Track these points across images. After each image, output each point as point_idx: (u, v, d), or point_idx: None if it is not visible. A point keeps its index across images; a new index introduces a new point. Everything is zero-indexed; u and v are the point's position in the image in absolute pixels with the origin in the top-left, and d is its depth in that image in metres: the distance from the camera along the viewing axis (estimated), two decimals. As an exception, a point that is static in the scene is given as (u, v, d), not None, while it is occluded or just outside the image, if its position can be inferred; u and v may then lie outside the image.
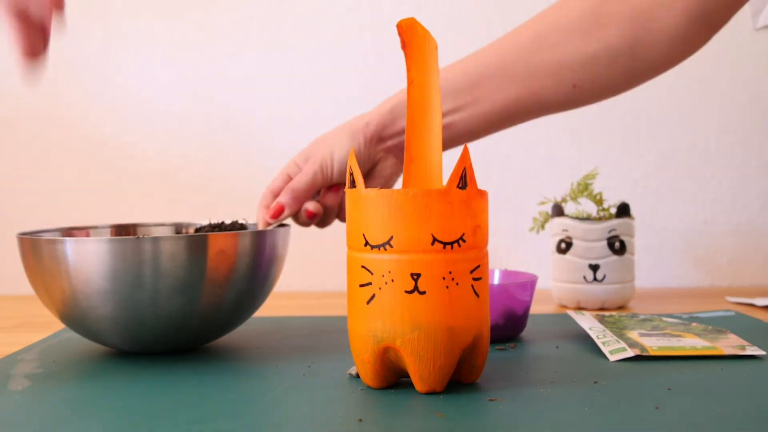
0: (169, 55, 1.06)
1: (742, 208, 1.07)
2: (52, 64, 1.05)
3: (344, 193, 0.60)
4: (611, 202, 0.90)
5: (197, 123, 1.06)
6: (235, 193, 1.06)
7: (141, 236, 0.55)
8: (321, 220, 0.70)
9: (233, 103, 1.06)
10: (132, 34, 1.05)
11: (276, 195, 0.68)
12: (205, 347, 0.64)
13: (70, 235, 0.69)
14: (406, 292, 0.46)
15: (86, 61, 1.05)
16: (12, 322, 0.81)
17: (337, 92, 1.06)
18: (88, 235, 0.71)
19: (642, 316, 0.72)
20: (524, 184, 1.05)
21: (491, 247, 0.52)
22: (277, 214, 0.66)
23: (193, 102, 1.06)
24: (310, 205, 0.68)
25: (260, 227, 0.67)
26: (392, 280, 0.46)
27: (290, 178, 0.69)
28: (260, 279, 0.61)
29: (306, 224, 0.69)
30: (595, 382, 0.51)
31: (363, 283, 0.47)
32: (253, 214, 1.06)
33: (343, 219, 0.71)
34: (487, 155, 1.06)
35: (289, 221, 0.69)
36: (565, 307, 0.87)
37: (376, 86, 1.06)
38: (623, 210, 0.85)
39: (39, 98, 1.05)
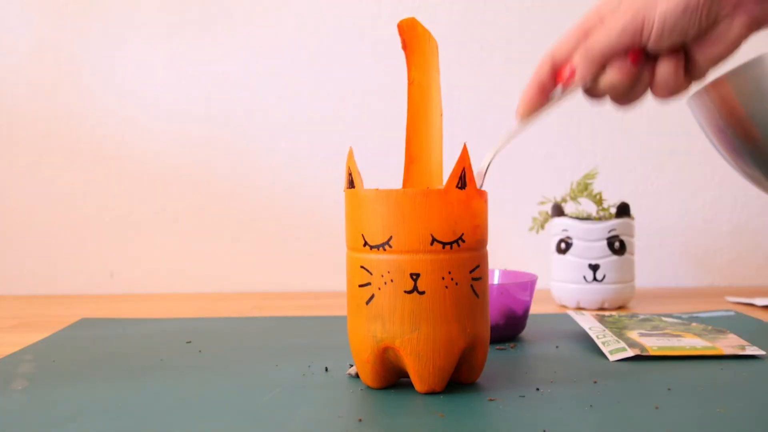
0: (170, 55, 1.06)
1: (742, 208, 1.07)
2: (51, 65, 1.05)
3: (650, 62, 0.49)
4: (611, 202, 0.90)
5: (197, 123, 1.06)
6: (236, 193, 1.06)
7: None
8: (620, 92, 0.52)
9: (233, 103, 1.06)
10: (132, 34, 1.05)
11: (558, 62, 0.51)
12: (204, 348, 0.64)
13: None
14: (405, 292, 0.46)
15: (86, 60, 1.05)
16: (12, 322, 0.81)
17: (337, 92, 1.06)
18: None
19: (642, 316, 0.72)
20: (524, 184, 1.05)
21: (491, 247, 0.52)
22: (569, 79, 0.50)
23: (194, 102, 1.06)
24: (613, 71, 0.50)
25: (528, 100, 0.52)
26: (391, 280, 0.46)
27: (586, 36, 0.51)
28: None
29: (599, 96, 0.52)
30: (595, 382, 0.51)
31: (362, 283, 0.47)
32: (253, 214, 1.06)
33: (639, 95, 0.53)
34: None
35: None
36: (565, 307, 0.87)
37: (376, 86, 1.06)
38: (623, 210, 0.85)
39: (39, 98, 1.05)
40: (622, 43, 0.49)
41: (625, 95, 0.52)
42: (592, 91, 0.52)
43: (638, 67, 0.50)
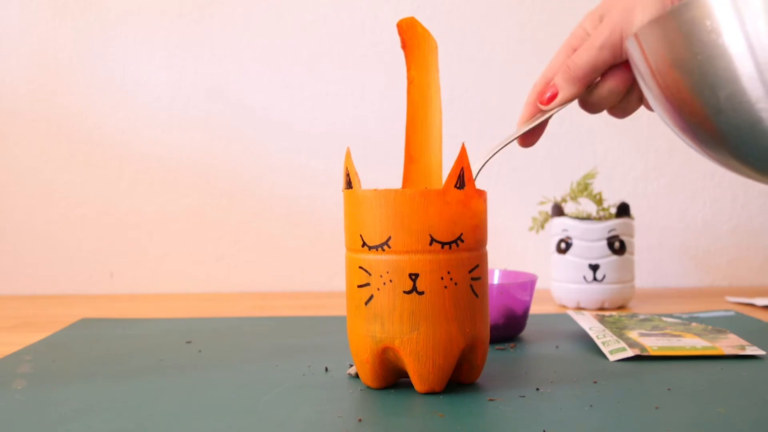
0: (170, 55, 1.06)
1: (742, 208, 1.07)
2: (51, 65, 1.05)
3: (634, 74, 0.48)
4: (611, 202, 0.90)
5: (197, 123, 1.06)
6: (236, 193, 1.06)
7: None
8: (613, 105, 0.53)
9: (233, 103, 1.06)
10: (132, 34, 1.05)
11: (549, 81, 0.52)
12: (204, 348, 0.64)
13: None
14: (404, 292, 0.46)
15: (86, 60, 1.05)
16: (12, 322, 0.81)
17: (337, 92, 1.06)
18: None
19: (642, 316, 0.72)
20: (524, 184, 1.05)
21: (491, 247, 0.52)
22: (550, 100, 0.52)
23: (194, 102, 1.06)
24: (604, 85, 0.50)
25: (523, 119, 0.53)
26: (390, 281, 0.46)
27: (574, 51, 0.52)
28: None
29: (595, 108, 0.52)
30: (595, 382, 0.51)
31: (361, 283, 0.47)
32: (253, 214, 1.06)
33: (632, 108, 0.54)
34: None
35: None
36: (565, 307, 0.87)
37: (376, 86, 1.06)
38: (623, 210, 0.85)
39: (39, 98, 1.05)
40: (602, 60, 0.50)
41: (619, 108, 0.53)
42: (587, 105, 0.53)
43: (625, 85, 0.50)
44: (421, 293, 0.46)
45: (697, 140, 0.38)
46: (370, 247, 0.47)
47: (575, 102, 0.53)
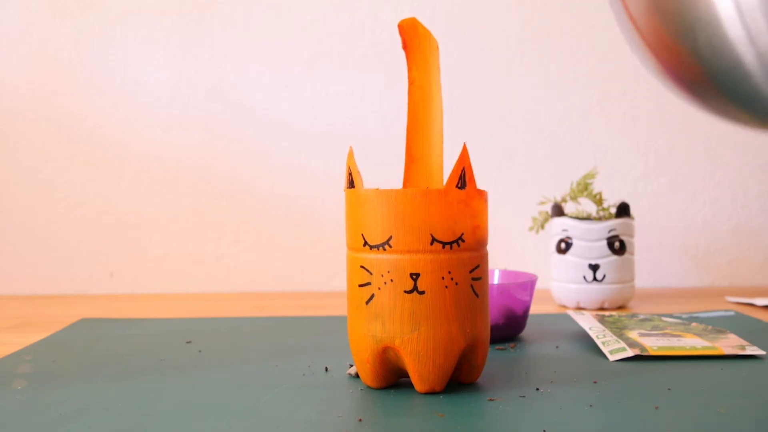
0: (170, 55, 1.06)
1: (742, 208, 1.07)
2: (51, 65, 1.05)
3: None
4: (611, 202, 0.90)
5: (197, 123, 1.06)
6: (236, 193, 1.06)
7: None
8: None
9: (233, 103, 1.06)
10: (132, 34, 1.05)
11: None
12: (204, 348, 0.64)
13: None
14: (405, 291, 0.46)
15: (86, 60, 1.05)
16: (12, 322, 0.81)
17: (338, 92, 1.06)
18: None
19: (642, 316, 0.72)
20: (524, 184, 1.05)
21: (491, 247, 0.52)
22: None
23: (194, 102, 1.06)
24: None
25: None
26: (391, 280, 0.46)
27: None
28: None
29: None
30: (595, 382, 0.51)
31: (362, 283, 0.47)
32: (253, 214, 1.06)
33: None
34: (487, 155, 1.06)
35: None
36: (565, 307, 0.87)
37: (376, 86, 1.06)
38: (623, 210, 0.85)
39: (39, 98, 1.05)
40: None
41: None
42: None
43: None
44: (422, 293, 0.46)
45: (683, 85, 0.38)
46: (371, 247, 0.47)
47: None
